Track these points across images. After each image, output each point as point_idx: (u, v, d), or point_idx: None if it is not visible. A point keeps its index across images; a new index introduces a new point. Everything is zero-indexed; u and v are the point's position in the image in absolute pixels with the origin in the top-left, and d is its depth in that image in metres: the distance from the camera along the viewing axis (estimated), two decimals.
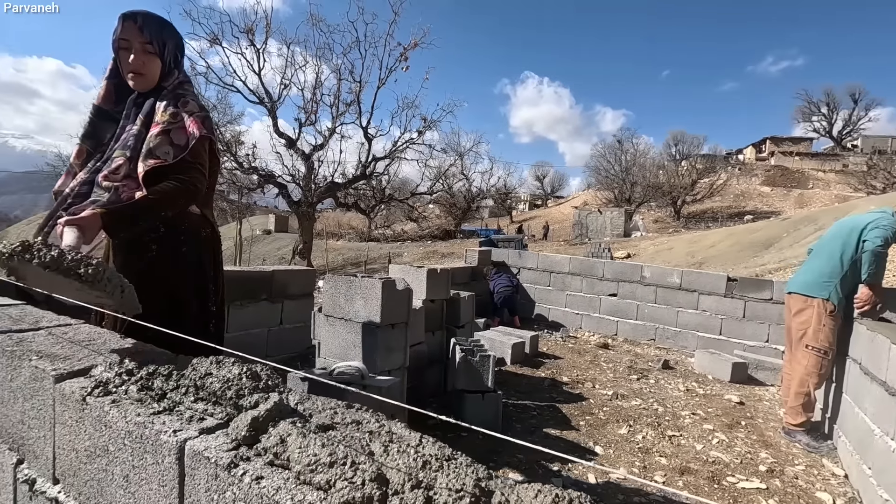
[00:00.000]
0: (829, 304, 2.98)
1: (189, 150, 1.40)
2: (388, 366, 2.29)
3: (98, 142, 1.50)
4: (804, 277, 3.16)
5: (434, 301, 3.25)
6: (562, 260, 6.27)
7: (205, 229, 1.59)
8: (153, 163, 1.35)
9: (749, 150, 59.63)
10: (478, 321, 5.36)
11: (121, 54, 1.44)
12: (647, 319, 5.62)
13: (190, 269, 1.54)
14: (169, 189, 1.36)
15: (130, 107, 1.49)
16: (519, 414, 3.07)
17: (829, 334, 2.98)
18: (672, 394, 3.89)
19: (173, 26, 1.54)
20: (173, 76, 1.50)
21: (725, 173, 47.98)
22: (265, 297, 3.55)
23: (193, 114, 1.45)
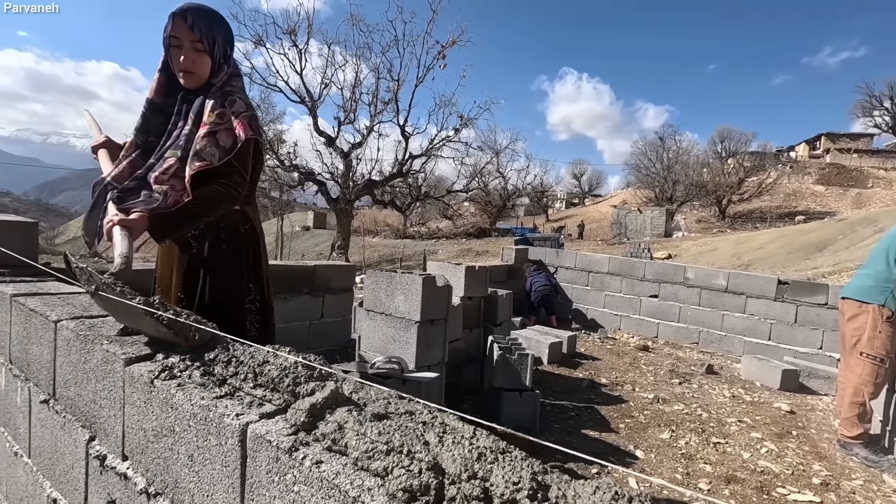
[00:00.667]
0: (886, 310, 2.84)
1: (234, 154, 1.40)
2: (427, 361, 2.31)
3: (147, 135, 1.53)
4: (859, 282, 3.02)
5: (472, 298, 3.25)
6: (601, 259, 6.14)
7: (244, 226, 1.58)
8: (199, 165, 1.36)
9: (802, 147, 56.63)
10: (514, 320, 5.33)
11: (172, 52, 1.44)
12: (690, 322, 5.44)
13: (227, 265, 1.55)
14: (212, 194, 1.38)
15: (181, 103, 1.50)
16: (557, 414, 3.04)
17: (886, 341, 2.83)
18: (717, 399, 3.75)
19: (223, 19, 1.52)
20: (223, 71, 1.50)
21: (776, 171, 45.67)
22: (307, 291, 3.66)
23: (240, 114, 1.44)
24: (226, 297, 1.58)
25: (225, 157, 1.39)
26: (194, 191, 1.36)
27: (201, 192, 1.37)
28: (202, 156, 1.37)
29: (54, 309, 1.37)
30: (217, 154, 1.38)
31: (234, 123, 1.42)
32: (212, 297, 1.54)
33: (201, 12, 1.43)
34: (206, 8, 1.47)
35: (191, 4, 1.43)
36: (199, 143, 1.38)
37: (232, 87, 1.50)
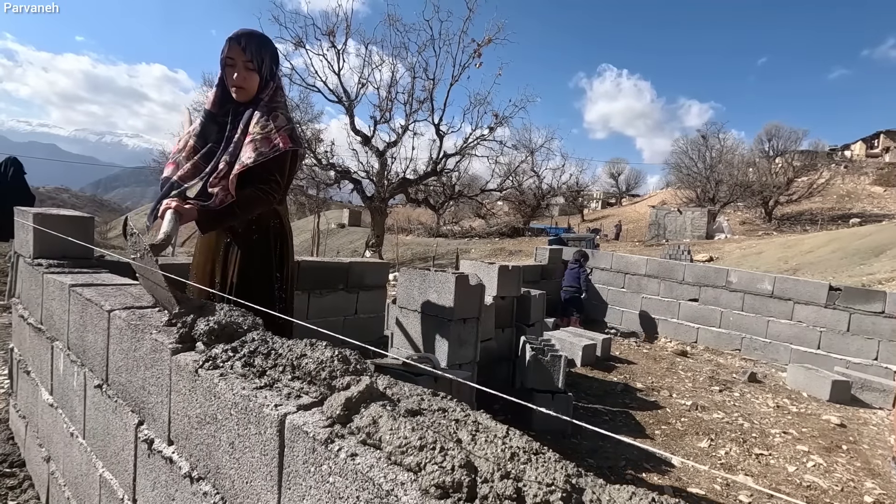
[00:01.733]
0: None
1: (273, 161, 1.58)
2: (459, 359, 2.31)
3: (205, 140, 1.70)
4: None
5: (504, 298, 3.23)
6: (638, 261, 5.98)
7: (274, 220, 1.77)
8: (239, 168, 1.54)
9: (858, 145, 53.44)
10: (547, 321, 5.27)
11: (227, 70, 1.64)
12: (732, 328, 5.23)
13: (258, 252, 1.74)
14: (251, 197, 1.58)
15: (234, 114, 1.68)
16: (590, 418, 2.98)
17: None
18: (760, 409, 3.59)
19: (270, 42, 1.73)
20: (269, 87, 1.68)
21: (828, 171, 43.22)
22: (342, 287, 3.71)
23: (282, 128, 1.62)
24: (257, 279, 1.74)
25: (261, 160, 1.55)
26: (238, 192, 1.54)
27: (243, 193, 1.55)
28: (243, 160, 1.54)
29: (108, 299, 1.45)
30: (254, 158, 1.55)
31: (276, 136, 1.59)
32: (243, 280, 1.70)
33: (253, 37, 1.66)
34: (257, 33, 1.69)
35: (245, 31, 1.66)
36: (244, 149, 1.57)
37: (276, 104, 1.69)
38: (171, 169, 1.69)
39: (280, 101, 1.72)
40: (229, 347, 0.99)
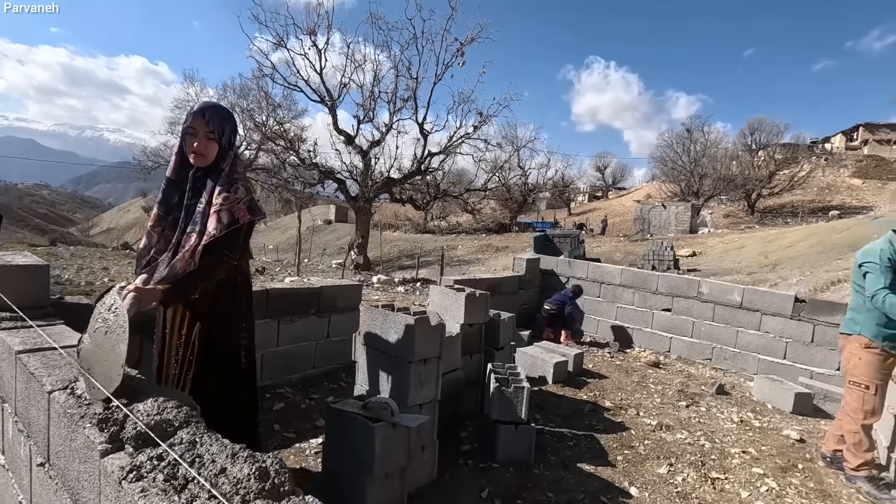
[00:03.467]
0: (863, 339, 2.89)
1: (232, 232, 1.72)
2: (420, 399, 2.35)
3: (168, 207, 1.84)
4: (845, 316, 3.09)
5: (472, 325, 3.27)
6: (613, 271, 6.07)
7: (240, 276, 1.92)
8: (205, 240, 1.67)
9: (838, 138, 54.36)
10: (522, 333, 5.33)
11: (187, 139, 1.76)
12: (704, 338, 5.35)
13: (225, 309, 1.87)
14: (212, 267, 1.70)
15: (193, 180, 1.80)
16: (555, 444, 3.04)
17: (867, 368, 2.86)
18: (723, 426, 3.69)
19: (231, 114, 1.87)
20: (228, 156, 1.81)
21: (809, 164, 43.97)
22: (314, 312, 3.74)
23: (241, 200, 1.75)
24: (222, 335, 1.88)
25: (224, 231, 1.69)
26: (200, 260, 1.67)
27: (205, 263, 1.68)
28: (210, 232, 1.68)
29: (52, 372, 1.46)
30: (219, 229, 1.68)
31: (236, 208, 1.73)
32: (210, 336, 1.82)
33: (216, 110, 1.80)
34: (220, 106, 1.85)
35: (208, 104, 1.81)
36: (208, 221, 1.70)
37: (237, 174, 1.81)
38: (145, 242, 1.85)
39: (240, 171, 1.84)
40: (156, 455, 1.01)
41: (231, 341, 1.91)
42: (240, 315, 1.93)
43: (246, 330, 1.96)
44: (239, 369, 1.95)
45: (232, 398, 1.92)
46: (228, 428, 1.81)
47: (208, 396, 1.80)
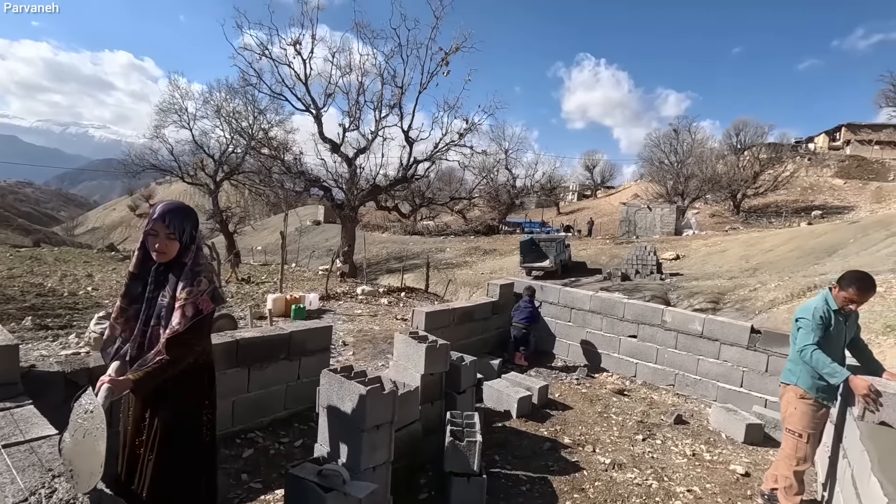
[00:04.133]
0: (799, 389, 3.09)
1: (198, 322, 1.87)
2: (373, 462, 2.51)
3: (131, 299, 1.98)
4: (785, 365, 3.28)
5: (433, 374, 3.44)
6: (583, 297, 6.27)
7: (201, 358, 2.05)
8: (170, 333, 1.83)
9: (821, 138, 55.21)
10: (493, 363, 5.52)
11: (149, 239, 1.91)
12: (667, 364, 5.57)
13: (188, 387, 2.00)
14: (180, 355, 1.85)
15: (155, 274, 1.96)
16: (509, 489, 3.22)
17: (802, 418, 3.07)
18: (675, 461, 3.90)
19: (191, 211, 2.01)
20: (190, 250, 1.95)
21: (793, 164, 44.70)
22: (284, 357, 3.88)
23: (205, 292, 1.91)
24: (185, 415, 2.02)
25: (188, 324, 1.84)
26: (168, 350, 1.81)
27: (174, 352, 1.83)
28: (174, 326, 1.83)
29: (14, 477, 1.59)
30: (183, 322, 1.84)
31: (199, 300, 1.88)
32: (173, 417, 1.95)
33: (176, 212, 1.93)
34: (180, 208, 1.98)
35: (168, 207, 1.94)
36: (173, 315, 1.85)
37: (199, 267, 1.95)
38: (109, 334, 2.01)
39: (202, 263, 1.99)
40: None
41: (194, 419, 2.05)
42: (202, 392, 2.08)
43: (208, 407, 2.11)
44: (201, 444, 2.09)
45: (195, 474, 2.07)
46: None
47: (171, 475, 1.96)
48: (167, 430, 1.95)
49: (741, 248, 23.64)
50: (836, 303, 3.07)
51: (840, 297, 3.05)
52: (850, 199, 42.05)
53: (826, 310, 3.07)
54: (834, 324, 3.07)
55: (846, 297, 3.02)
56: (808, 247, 20.60)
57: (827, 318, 3.05)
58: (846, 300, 3.03)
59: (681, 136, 43.45)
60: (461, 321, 5.78)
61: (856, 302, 3.03)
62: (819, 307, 3.08)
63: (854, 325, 3.22)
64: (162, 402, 1.94)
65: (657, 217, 31.52)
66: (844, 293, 3.03)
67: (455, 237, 34.50)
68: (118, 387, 1.72)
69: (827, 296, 3.14)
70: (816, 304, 3.12)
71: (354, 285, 14.29)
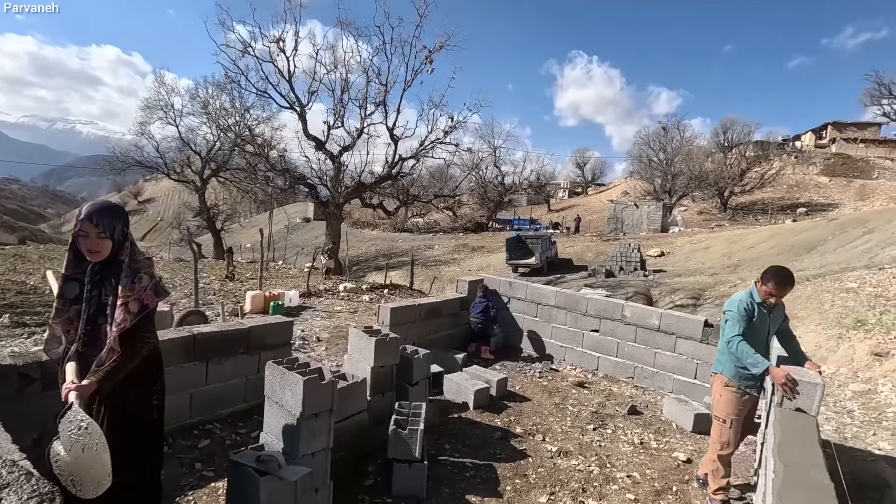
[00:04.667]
0: (724, 378, 3.29)
1: (145, 317, 1.99)
2: (312, 448, 2.64)
3: (67, 300, 2.05)
4: (717, 355, 3.44)
5: (384, 366, 3.58)
6: (549, 293, 6.43)
7: (148, 347, 2.13)
8: (116, 331, 1.92)
9: (808, 136, 55.83)
10: (457, 357, 5.67)
11: (80, 240, 1.97)
12: (627, 358, 5.74)
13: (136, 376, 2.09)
14: (134, 350, 1.98)
15: (91, 273, 2.03)
16: (453, 476, 3.37)
17: (726, 405, 3.26)
18: (621, 448, 4.07)
19: (120, 209, 2.09)
20: (124, 247, 2.03)
21: (780, 161, 45.25)
22: (243, 351, 4.00)
23: (147, 288, 2.01)
24: (134, 402, 2.13)
25: (134, 320, 1.95)
26: (122, 347, 1.93)
27: (127, 348, 1.94)
28: (119, 323, 1.93)
29: None
30: (129, 319, 1.94)
31: (143, 295, 1.99)
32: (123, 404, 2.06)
33: (104, 212, 1.98)
34: (108, 207, 2.04)
35: (94, 207, 1.99)
36: (118, 312, 1.94)
37: (138, 263, 2.04)
38: (50, 333, 2.09)
39: (139, 259, 2.07)
40: None
41: (143, 402, 2.16)
42: (151, 378, 2.20)
43: (157, 393, 2.23)
44: (151, 423, 2.21)
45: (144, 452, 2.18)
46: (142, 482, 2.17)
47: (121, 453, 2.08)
48: (117, 414, 2.05)
49: (724, 245, 23.98)
50: (759, 296, 3.24)
51: (762, 290, 3.21)
52: (834, 197, 42.64)
53: (750, 302, 3.23)
54: (757, 316, 3.23)
55: (767, 291, 3.18)
56: (788, 244, 20.95)
57: (751, 310, 3.22)
58: (767, 294, 3.19)
59: (670, 134, 43.81)
60: (428, 317, 5.92)
61: (775, 295, 3.19)
62: (744, 300, 3.25)
63: (780, 317, 3.39)
64: (113, 391, 2.02)
65: (644, 214, 31.82)
66: (765, 287, 3.18)
67: (444, 234, 34.61)
68: (84, 391, 1.83)
69: (753, 290, 3.30)
70: (742, 298, 3.28)
71: (338, 282, 14.40)
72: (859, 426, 5.88)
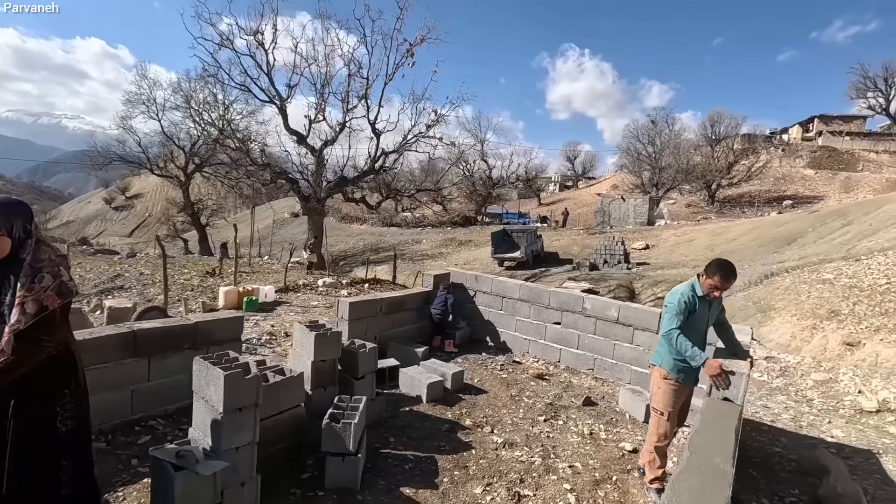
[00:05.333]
0: (662, 370, 3.30)
1: (46, 318, 1.89)
2: (236, 443, 2.64)
3: None
4: (656, 346, 3.42)
5: (325, 360, 3.58)
6: (513, 286, 6.45)
7: (57, 348, 2.07)
8: (9, 332, 1.85)
9: (795, 129, 56.25)
10: (417, 350, 5.68)
11: None
12: (587, 350, 5.78)
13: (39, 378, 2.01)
14: (28, 352, 1.89)
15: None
16: (392, 468, 3.38)
17: (664, 397, 3.28)
18: (569, 439, 4.10)
19: (20, 206, 2.01)
20: (27, 245, 1.96)
21: (767, 154, 45.58)
22: (189, 347, 3.98)
23: (48, 288, 1.92)
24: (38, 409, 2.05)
25: (31, 321, 1.86)
26: (16, 349, 1.85)
27: (21, 349, 1.86)
28: (13, 324, 1.85)
29: None
30: (23, 320, 1.86)
31: (44, 296, 1.90)
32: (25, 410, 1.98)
33: (1, 208, 1.91)
34: (3, 202, 1.96)
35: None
36: (13, 312, 1.87)
37: (41, 262, 1.95)
38: None
39: (44, 257, 1.98)
40: None
41: (47, 409, 2.07)
42: (59, 382, 2.10)
43: (69, 396, 2.14)
44: (56, 434, 2.10)
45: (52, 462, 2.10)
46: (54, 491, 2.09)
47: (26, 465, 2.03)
48: (18, 421, 1.99)
49: (707, 237, 24.18)
50: (702, 289, 3.26)
51: (706, 284, 3.24)
52: (820, 189, 43.06)
53: (691, 296, 3.26)
54: (698, 309, 3.26)
55: (711, 285, 3.21)
56: (769, 236, 21.16)
57: (691, 303, 3.24)
58: (712, 287, 3.21)
59: (659, 127, 43.97)
60: (390, 311, 5.92)
61: (719, 289, 3.22)
62: (685, 293, 3.27)
63: (717, 309, 3.43)
64: (9, 395, 1.97)
65: (631, 208, 31.97)
66: (710, 280, 3.21)
67: (432, 229, 34.60)
68: None
69: (694, 283, 3.32)
70: (683, 290, 3.31)
71: (318, 277, 14.36)
72: (816, 414, 5.99)
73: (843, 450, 4.95)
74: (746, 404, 6.20)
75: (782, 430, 5.46)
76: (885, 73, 46.89)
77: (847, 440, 5.25)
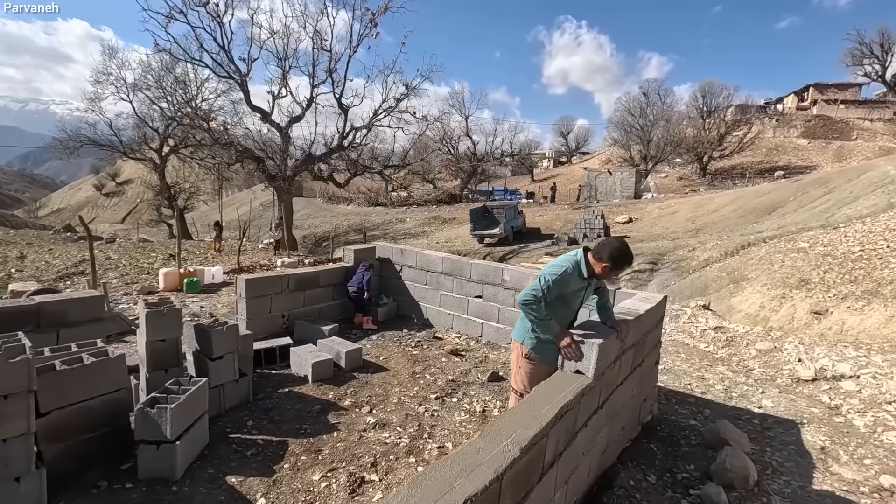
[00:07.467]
0: (523, 348, 2.95)
1: None
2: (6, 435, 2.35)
3: None
4: (517, 322, 3.06)
5: (165, 340, 3.27)
6: (436, 259, 6.12)
7: None
8: None
9: (790, 98, 55.19)
10: (324, 328, 5.37)
11: None
12: (507, 323, 5.48)
13: None
14: None
15: None
16: (232, 454, 3.10)
17: (524, 377, 2.96)
18: (455, 418, 3.82)
19: None
20: None
21: (760, 125, 44.74)
22: (31, 329, 3.66)
23: None
24: None
25: None
26: None
27: None
28: None
29: None
30: None
31: None
32: None
33: None
34: None
35: None
36: None
37: None
38: None
39: None
40: None
41: None
42: None
43: None
44: None
45: None
46: None
47: None
48: None
49: (690, 209, 23.76)
50: (587, 269, 2.87)
51: (596, 266, 2.85)
52: (813, 159, 42.41)
53: (572, 271, 2.86)
54: (574, 286, 2.88)
55: (601, 270, 2.83)
56: (749, 206, 20.75)
57: (568, 279, 2.86)
58: (602, 271, 2.83)
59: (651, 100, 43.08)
60: (300, 287, 5.60)
61: (607, 276, 2.87)
62: (569, 269, 2.84)
63: (602, 293, 3.07)
64: None
65: (617, 182, 31.47)
66: (600, 264, 2.82)
67: (417, 207, 34.16)
68: None
69: (581, 259, 2.91)
70: (566, 265, 2.88)
71: (279, 257, 14.05)
72: (752, 385, 5.72)
73: (766, 420, 4.70)
74: (682, 375, 5.96)
75: (710, 401, 5.19)
76: (882, 39, 45.62)
77: (775, 410, 4.99)
